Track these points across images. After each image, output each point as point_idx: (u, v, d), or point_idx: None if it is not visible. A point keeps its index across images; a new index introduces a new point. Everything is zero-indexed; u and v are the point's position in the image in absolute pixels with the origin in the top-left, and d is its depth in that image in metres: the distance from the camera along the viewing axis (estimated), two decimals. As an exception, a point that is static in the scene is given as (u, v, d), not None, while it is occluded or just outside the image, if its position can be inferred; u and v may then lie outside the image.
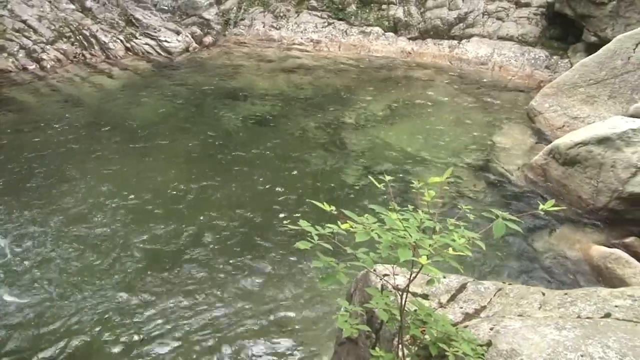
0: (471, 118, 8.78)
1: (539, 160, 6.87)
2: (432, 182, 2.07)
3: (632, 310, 2.71)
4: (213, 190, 6.40)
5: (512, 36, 11.86)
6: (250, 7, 13.05)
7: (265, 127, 8.19)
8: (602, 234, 5.91)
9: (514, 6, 12.32)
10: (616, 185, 5.98)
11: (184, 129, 7.99)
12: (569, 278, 5.24)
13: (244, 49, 12.00)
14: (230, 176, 6.73)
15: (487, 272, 5.08)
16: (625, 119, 6.52)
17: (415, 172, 6.88)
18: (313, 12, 12.95)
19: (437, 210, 2.24)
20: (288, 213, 5.92)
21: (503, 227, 2.00)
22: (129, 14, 11.78)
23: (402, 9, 12.67)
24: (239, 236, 5.57)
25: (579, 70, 8.37)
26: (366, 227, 2.00)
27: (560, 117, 8.16)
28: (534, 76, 10.92)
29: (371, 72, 10.95)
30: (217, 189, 6.42)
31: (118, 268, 5.03)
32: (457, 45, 12.05)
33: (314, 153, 7.41)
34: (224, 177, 6.69)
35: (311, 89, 9.85)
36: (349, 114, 8.68)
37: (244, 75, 10.48)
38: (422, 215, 2.08)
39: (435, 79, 10.69)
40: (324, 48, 12.18)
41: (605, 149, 6.15)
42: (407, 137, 7.95)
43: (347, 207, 5.71)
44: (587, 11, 10.52)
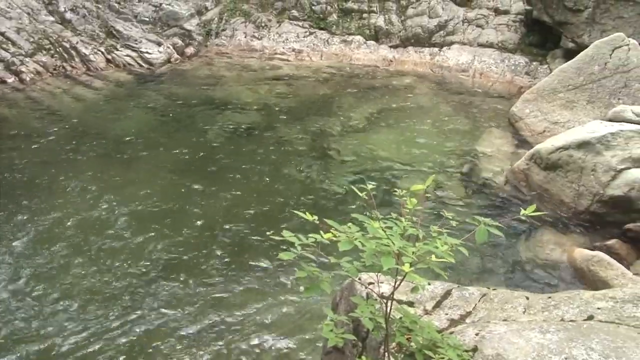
0: (453, 124, 8.84)
1: (521, 165, 6.93)
2: (414, 189, 2.08)
3: (614, 312, 2.74)
4: (196, 201, 6.37)
5: (492, 43, 11.98)
6: (231, 18, 13.05)
7: (249, 136, 8.18)
8: (584, 237, 5.97)
9: (493, 13, 12.46)
10: (597, 188, 6.05)
11: (167, 140, 7.96)
12: (553, 281, 5.29)
13: (226, 60, 11.99)
14: (213, 187, 6.70)
15: (471, 278, 5.10)
16: (604, 124, 6.61)
17: (398, 180, 6.91)
18: (294, 22, 12.99)
19: (421, 218, 2.24)
20: (272, 223, 5.90)
21: (485, 233, 2.02)
22: (109, 25, 11.73)
23: (383, 18, 12.76)
24: (222, 247, 5.55)
25: (558, 75, 8.48)
26: (349, 236, 2.01)
27: (541, 122, 8.25)
28: (514, 82, 11.04)
29: (353, 80, 10.99)
30: (200, 201, 6.40)
31: (99, 280, 4.98)
32: (438, 52, 12.15)
33: (297, 162, 7.41)
34: (207, 188, 6.66)
35: (294, 98, 9.86)
36: (331, 123, 8.70)
37: (226, 85, 10.46)
38: (405, 223, 2.09)
39: (417, 86, 10.76)
40: (305, 57, 12.21)
41: (586, 153, 6.23)
42: (390, 144, 7.99)
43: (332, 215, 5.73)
44: (564, 18, 10.67)
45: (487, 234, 2.02)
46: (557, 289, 5.06)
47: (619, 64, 8.01)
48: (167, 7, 12.37)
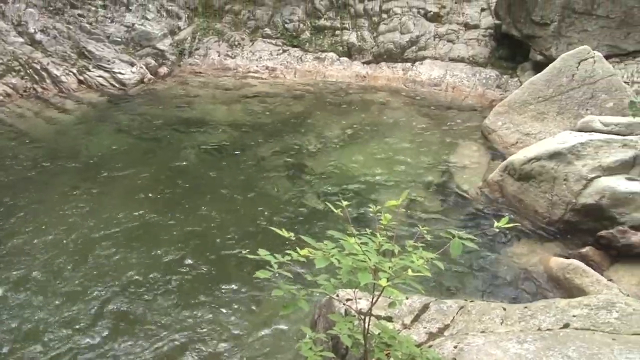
0: (427, 138, 8.92)
1: (495, 177, 7.02)
2: (388, 205, 2.10)
3: (589, 318, 2.79)
4: (172, 222, 6.32)
5: (463, 57, 12.17)
6: (204, 37, 13.06)
7: (223, 155, 8.15)
8: (559, 246, 6.04)
9: (464, 28, 12.67)
10: (569, 197, 6.15)
11: (141, 161, 7.89)
12: (530, 291, 5.34)
13: (199, 79, 11.96)
14: (190, 207, 6.65)
15: (449, 291, 5.13)
16: (574, 134, 6.74)
17: (374, 195, 6.92)
18: (267, 40, 13.04)
19: (397, 232, 2.26)
20: (248, 242, 5.87)
21: (460, 246, 2.04)
22: (81, 46, 11.64)
23: (356, 34, 12.89)
24: (198, 267, 5.50)
25: (528, 88, 8.64)
26: (325, 253, 2.01)
27: (513, 134, 8.38)
28: (486, 95, 11.20)
29: (327, 97, 11.05)
30: (176, 221, 6.34)
31: (69, 306, 4.89)
32: (411, 67, 12.29)
33: (273, 180, 7.40)
34: (183, 208, 6.61)
35: (268, 116, 9.87)
36: (306, 140, 8.72)
37: (200, 104, 10.44)
38: (381, 239, 2.11)
39: (390, 101, 10.85)
40: (279, 75, 12.25)
41: (557, 163, 6.34)
42: (365, 160, 8.03)
43: (308, 233, 5.73)
44: (532, 32, 10.90)
45: (462, 247, 2.04)
46: (535, 298, 5.11)
47: (586, 75, 8.20)
48: (140, 27, 12.34)
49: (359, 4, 13.31)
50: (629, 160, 6.13)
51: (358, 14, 13.24)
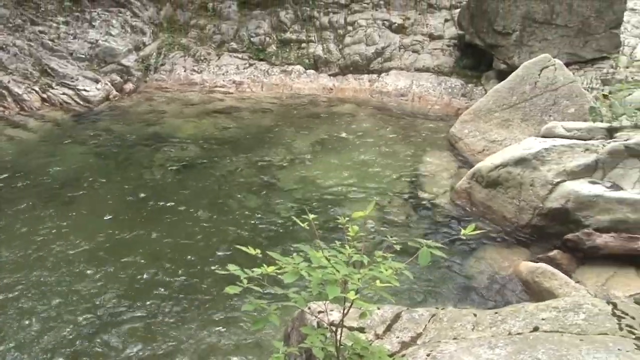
0: (395, 148, 8.99)
1: (463, 184, 7.11)
2: (356, 216, 2.11)
3: (558, 321, 2.84)
4: (140, 241, 6.23)
5: (428, 67, 12.33)
6: (170, 52, 12.98)
7: (192, 171, 8.08)
8: (528, 250, 6.14)
9: (428, 39, 12.86)
10: (536, 202, 6.26)
11: (108, 179, 7.77)
12: (501, 296, 5.39)
13: (166, 94, 11.87)
14: (157, 225, 6.57)
15: (421, 299, 5.15)
16: (538, 140, 6.87)
17: (344, 206, 6.93)
18: (234, 54, 13.03)
19: (367, 243, 2.27)
20: (218, 257, 5.82)
21: (428, 255, 2.06)
22: (43, 63, 11.44)
23: (322, 47, 12.97)
24: (168, 286, 5.42)
25: (493, 96, 8.80)
26: (295, 267, 2.01)
27: (480, 141, 8.50)
28: (452, 104, 11.36)
29: (295, 109, 11.07)
30: (144, 240, 6.25)
31: (36, 329, 4.78)
32: (377, 78, 12.40)
33: (242, 195, 7.36)
34: (151, 227, 6.52)
35: (236, 130, 9.83)
36: (275, 153, 8.71)
37: (167, 120, 10.34)
38: (349, 250, 2.11)
39: (358, 112, 10.92)
40: (246, 89, 12.23)
41: (523, 169, 6.45)
42: (334, 171, 8.04)
43: (279, 247, 5.72)
44: (494, 41, 11.12)
45: (430, 256, 2.06)
46: (506, 302, 5.16)
47: (548, 82, 8.39)
48: (104, 44, 12.20)
49: (324, 17, 13.42)
50: (592, 164, 6.27)
51: (323, 26, 13.34)
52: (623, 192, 5.93)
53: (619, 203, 5.82)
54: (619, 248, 5.60)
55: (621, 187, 6.02)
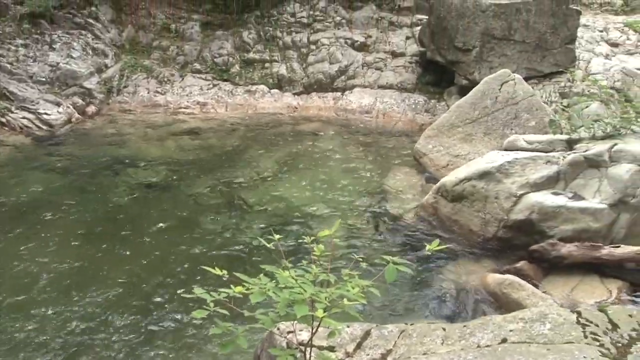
0: (361, 165, 9.04)
1: (429, 199, 7.16)
2: (321, 235, 2.11)
3: (525, 332, 2.87)
4: (105, 265, 6.10)
5: (391, 84, 12.48)
6: (133, 74, 12.86)
7: (157, 194, 7.98)
8: (495, 262, 6.19)
9: (390, 56, 13.05)
10: (501, 215, 6.34)
11: (72, 204, 7.61)
12: (470, 309, 5.42)
13: (129, 117, 11.73)
14: (123, 248, 6.45)
15: (390, 316, 5.14)
16: (501, 153, 6.99)
17: (311, 225, 6.90)
18: (197, 75, 12.99)
19: (335, 262, 2.27)
20: (185, 280, 5.73)
21: (394, 272, 2.06)
22: (2, 87, 11.19)
23: (285, 66, 13.02)
24: (134, 311, 5.31)
25: (455, 111, 8.93)
26: (262, 288, 1.99)
27: (444, 156, 8.60)
28: (415, 120, 11.50)
29: (260, 129, 11.06)
30: (109, 264, 6.13)
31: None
32: (341, 96, 12.50)
33: (208, 216, 7.28)
34: (116, 250, 6.41)
35: (201, 151, 9.76)
36: (241, 173, 8.66)
37: (131, 143, 10.22)
38: (316, 270, 2.11)
39: (323, 130, 10.97)
40: (211, 110, 12.18)
41: (488, 183, 6.54)
42: (300, 190, 8.03)
43: (246, 267, 5.67)
44: (455, 57, 11.34)
45: (396, 272, 2.06)
46: (475, 315, 5.20)
47: (508, 97, 8.56)
48: (65, 66, 12.02)
49: (287, 36, 13.50)
50: (554, 175, 6.40)
51: (286, 46, 13.41)
52: (584, 201, 6.07)
53: (581, 212, 5.95)
54: (583, 257, 5.71)
55: (582, 197, 6.16)
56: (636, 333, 2.97)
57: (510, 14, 10.90)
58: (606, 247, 5.69)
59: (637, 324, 3.10)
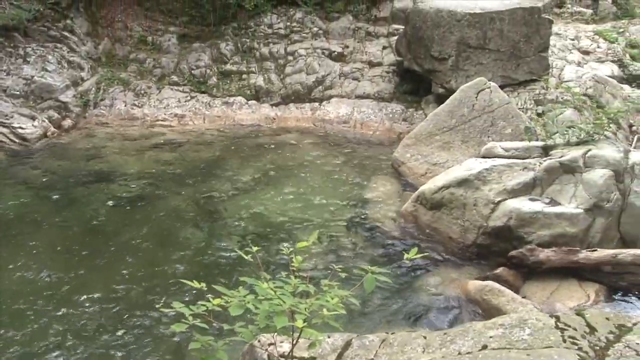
0: (340, 175, 9.05)
1: (408, 207, 7.20)
2: (300, 246, 2.10)
3: (505, 338, 2.89)
4: (84, 280, 6.02)
5: (369, 94, 12.54)
6: (109, 87, 12.75)
7: (135, 207, 7.90)
8: (475, 269, 6.25)
9: (367, 66, 13.11)
10: (480, 221, 6.41)
11: (50, 218, 7.50)
12: (450, 316, 5.46)
13: (106, 130, 11.61)
14: (104, 263, 6.37)
15: (371, 325, 5.13)
16: (479, 160, 7.08)
17: (290, 236, 6.87)
18: (175, 88, 12.91)
19: (315, 272, 2.26)
20: (163, 295, 5.66)
21: (373, 282, 2.07)
22: (-25, 102, 11.05)
23: (263, 77, 13.02)
24: (113, 326, 5.24)
25: (433, 120, 9.02)
26: (241, 300, 1.98)
27: (422, 164, 8.66)
28: (393, 129, 11.56)
29: (238, 141, 11.02)
30: (87, 279, 6.05)
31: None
32: (319, 107, 12.52)
33: (187, 229, 7.22)
34: (95, 265, 6.33)
35: (179, 164, 9.69)
36: (220, 185, 8.61)
37: (109, 156, 10.12)
38: (295, 281, 2.10)
39: (301, 141, 10.97)
40: (188, 122, 12.12)
41: (466, 190, 6.60)
42: (279, 201, 8.01)
43: (226, 280, 5.62)
44: (432, 66, 11.44)
45: (375, 282, 2.07)
46: (456, 322, 5.23)
47: (485, 105, 8.67)
48: (40, 80, 11.88)
49: (264, 48, 13.51)
50: (530, 181, 6.49)
51: (264, 57, 13.42)
52: (561, 207, 6.16)
53: (557, 218, 6.04)
54: (561, 261, 5.79)
55: (559, 203, 6.25)
56: (613, 336, 3.01)
57: (485, 23, 11.04)
58: (583, 251, 5.78)
59: (614, 327, 3.15)
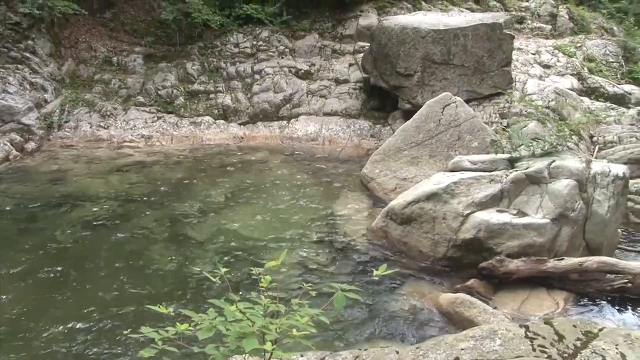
0: (309, 193, 9.05)
1: (378, 223, 7.23)
2: (268, 266, 2.09)
3: (476, 349, 2.91)
4: (49, 307, 5.86)
5: (336, 111, 12.64)
6: (74, 109, 12.56)
7: (103, 231, 7.74)
8: (447, 282, 6.28)
9: (334, 84, 13.23)
10: (450, 234, 6.46)
11: (15, 243, 7.30)
12: (424, 330, 5.45)
13: (72, 152, 11.42)
14: (68, 289, 6.21)
15: (344, 342, 5.10)
16: (447, 174, 7.16)
17: (261, 255, 6.81)
18: (141, 108, 12.80)
19: (288, 291, 2.25)
20: (132, 320, 5.55)
21: (343, 299, 2.06)
22: None
23: (230, 96, 13.01)
24: (78, 355, 5.10)
25: (401, 135, 9.11)
26: (210, 323, 1.95)
27: (391, 180, 8.72)
28: (361, 145, 11.65)
29: (206, 160, 10.95)
30: (54, 305, 5.89)
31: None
32: (287, 125, 12.56)
33: (156, 251, 7.10)
34: (61, 291, 6.16)
35: (147, 185, 9.56)
36: (189, 206, 8.52)
37: (74, 179, 9.93)
38: (265, 301, 2.08)
39: (270, 159, 10.96)
40: (156, 143, 12.01)
41: (435, 204, 6.66)
42: (249, 220, 7.95)
43: (196, 302, 5.53)
44: (398, 83, 11.59)
45: (345, 299, 2.06)
46: (430, 336, 5.23)
47: (451, 119, 8.80)
48: (1, 102, 11.64)
49: (231, 67, 13.53)
50: (497, 194, 6.59)
51: (231, 76, 13.43)
52: (528, 217, 6.26)
53: (525, 228, 6.13)
54: (530, 271, 5.88)
55: (526, 213, 6.35)
56: (580, 342, 3.06)
57: (449, 40, 11.26)
58: (551, 260, 5.88)
59: (581, 334, 3.20)
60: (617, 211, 6.58)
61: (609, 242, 6.64)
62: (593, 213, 6.36)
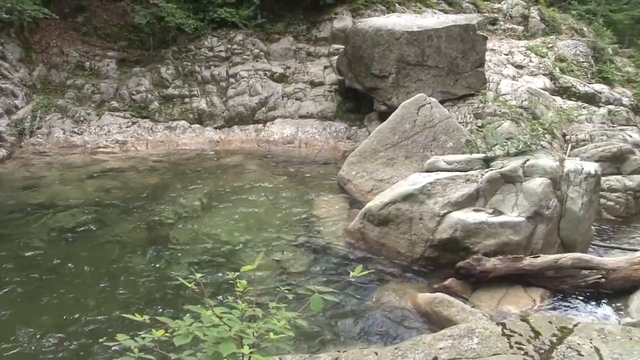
0: (286, 196, 9.03)
1: (355, 225, 7.23)
2: (244, 270, 2.08)
3: (454, 348, 2.93)
4: (23, 317, 5.75)
5: (312, 114, 12.65)
6: (46, 115, 12.38)
7: (79, 238, 7.63)
8: (425, 282, 6.31)
9: (310, 86, 13.24)
10: (427, 235, 6.50)
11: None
12: (402, 330, 5.46)
13: (44, 159, 11.24)
14: (41, 300, 6.09)
15: (323, 345, 5.09)
16: (422, 175, 7.20)
17: (239, 259, 6.77)
18: (115, 113, 12.67)
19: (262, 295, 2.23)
20: (109, 328, 5.46)
21: (320, 302, 2.06)
22: None
23: (205, 100, 12.95)
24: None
25: (376, 136, 9.14)
26: (188, 329, 1.93)
27: (368, 181, 8.75)
28: (338, 147, 11.68)
29: (182, 165, 10.88)
30: (27, 316, 5.78)
31: None
32: (263, 128, 12.55)
33: (132, 258, 7.00)
34: (36, 301, 6.05)
35: (123, 191, 9.45)
36: (166, 211, 8.44)
37: (48, 186, 9.77)
38: (243, 305, 2.07)
39: (246, 163, 10.92)
40: (131, 148, 11.89)
41: (412, 204, 6.69)
42: (226, 225, 7.90)
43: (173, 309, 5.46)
44: (373, 84, 11.64)
45: (322, 302, 2.06)
46: (409, 336, 5.24)
47: (426, 120, 8.86)
48: (-31, 110, 11.44)
49: (206, 71, 13.46)
50: (473, 193, 6.65)
51: (205, 80, 13.37)
52: (504, 216, 6.32)
53: (501, 227, 6.19)
54: (507, 269, 5.93)
55: (502, 212, 6.42)
56: (556, 338, 3.11)
57: (423, 41, 11.34)
58: (527, 258, 5.95)
59: (556, 330, 3.25)
60: (591, 208, 6.68)
61: (583, 239, 6.74)
62: (567, 210, 6.45)
